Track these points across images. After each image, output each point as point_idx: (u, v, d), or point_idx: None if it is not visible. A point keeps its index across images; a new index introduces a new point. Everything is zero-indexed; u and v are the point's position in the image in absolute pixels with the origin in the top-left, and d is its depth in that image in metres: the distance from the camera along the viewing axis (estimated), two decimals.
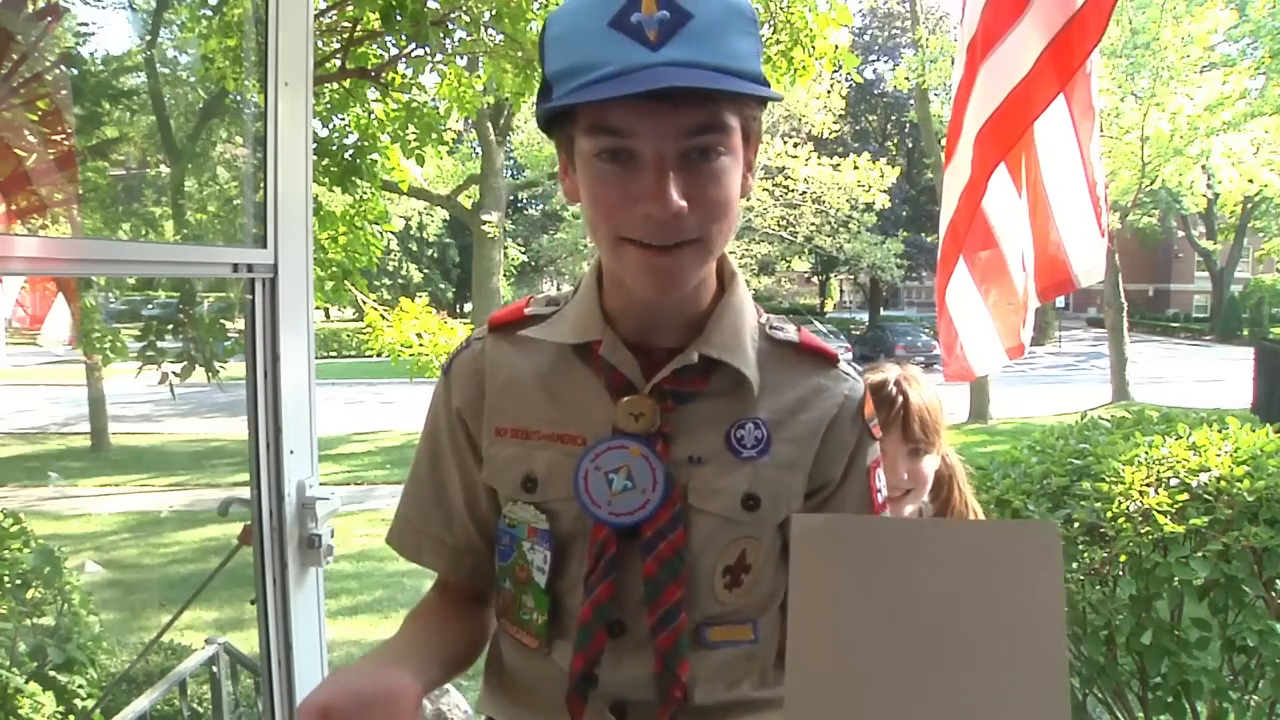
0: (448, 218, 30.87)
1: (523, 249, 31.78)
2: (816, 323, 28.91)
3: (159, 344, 3.57)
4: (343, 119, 4.88)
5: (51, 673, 2.90)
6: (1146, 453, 2.79)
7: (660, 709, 0.94)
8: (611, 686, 0.96)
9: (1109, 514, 2.64)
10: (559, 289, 1.19)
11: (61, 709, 2.84)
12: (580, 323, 0.96)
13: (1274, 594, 2.62)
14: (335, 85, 4.48)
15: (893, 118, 34.22)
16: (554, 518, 0.96)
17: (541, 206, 32.76)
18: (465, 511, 1.05)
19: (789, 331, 1.04)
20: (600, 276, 0.99)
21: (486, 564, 1.05)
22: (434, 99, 5.47)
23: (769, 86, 0.85)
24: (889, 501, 1.53)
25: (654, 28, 0.79)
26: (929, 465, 1.54)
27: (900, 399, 1.53)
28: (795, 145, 25.14)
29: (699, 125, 0.83)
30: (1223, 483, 2.60)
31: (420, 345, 5.70)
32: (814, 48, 5.10)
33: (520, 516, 0.98)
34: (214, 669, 2.24)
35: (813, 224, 26.86)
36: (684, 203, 0.83)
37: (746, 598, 0.98)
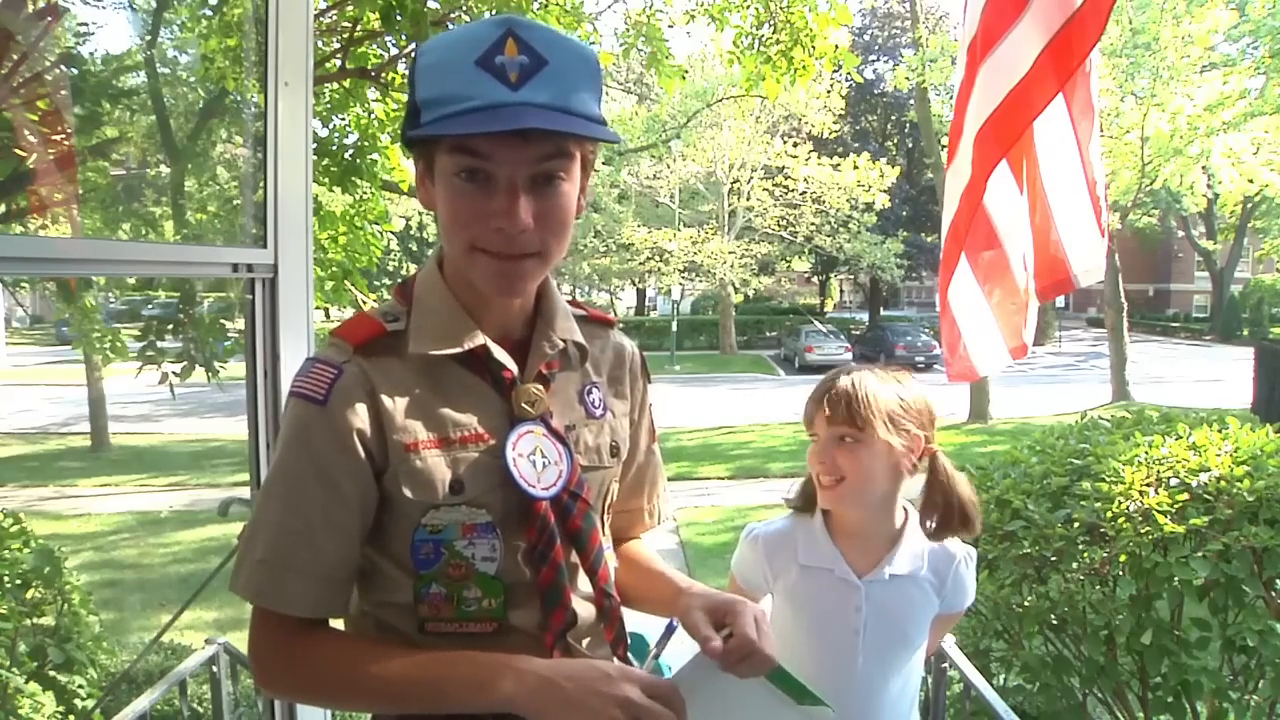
0: None
1: None
2: (816, 322, 28.90)
3: (159, 344, 3.57)
4: (343, 119, 4.88)
5: (51, 673, 2.90)
6: (1146, 453, 2.79)
7: (606, 629, 1.13)
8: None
9: (1109, 514, 2.64)
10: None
11: (61, 709, 2.84)
12: (451, 329, 1.06)
13: (1274, 594, 2.63)
14: (335, 85, 4.48)
15: (893, 118, 34.22)
16: (489, 510, 1.05)
17: None
18: (357, 538, 1.04)
19: (574, 306, 1.20)
20: (445, 281, 1.09)
21: (343, 591, 1.06)
22: None
23: (606, 126, 1.01)
24: (822, 489, 1.56)
25: (515, 70, 0.93)
26: (866, 457, 1.50)
27: (829, 383, 1.54)
28: (795, 145, 25.17)
29: (547, 154, 0.96)
30: (1223, 483, 2.60)
31: None
32: (814, 48, 5.10)
33: (448, 519, 1.03)
34: (214, 669, 2.24)
35: (813, 224, 26.87)
36: (531, 221, 0.97)
37: (613, 524, 1.23)
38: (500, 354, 1.07)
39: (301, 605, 1.02)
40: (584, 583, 1.11)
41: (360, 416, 1.01)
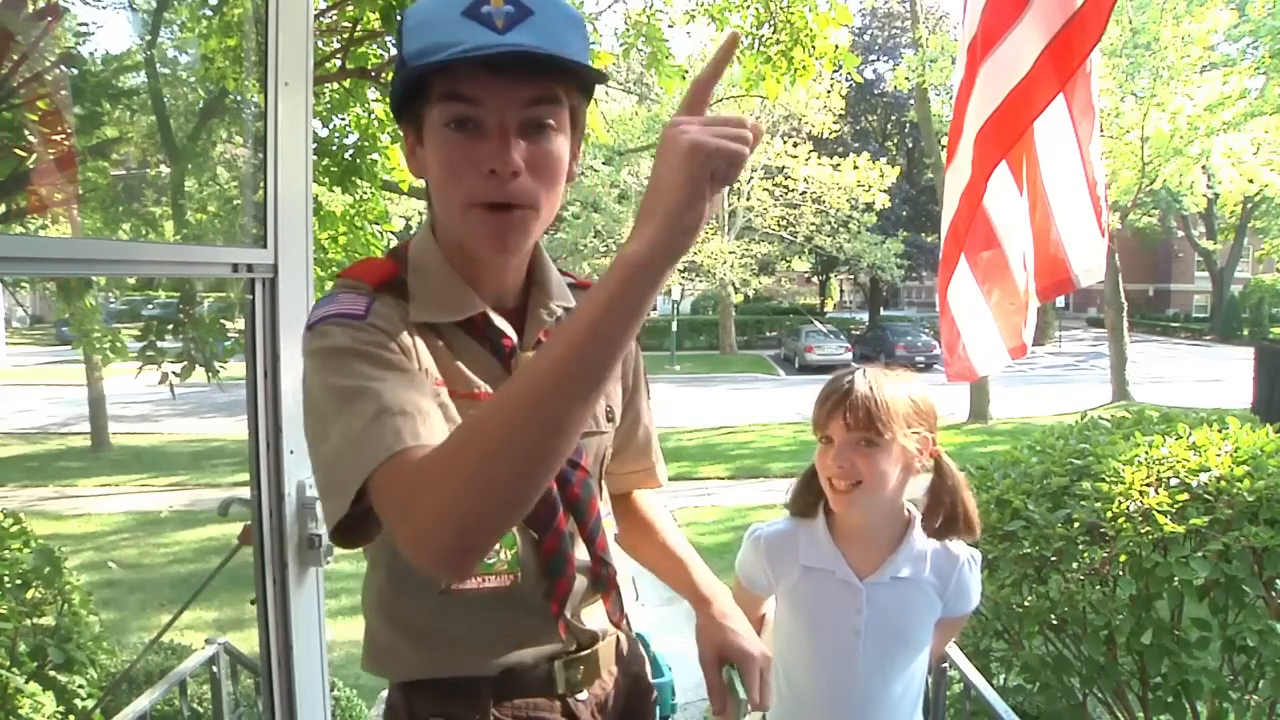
0: None
1: None
2: (816, 322, 28.90)
3: (159, 344, 3.57)
4: (343, 119, 4.87)
5: (51, 673, 2.90)
6: (1146, 453, 2.79)
7: (604, 595, 1.16)
8: None
9: (1109, 514, 2.64)
10: None
11: (61, 709, 2.84)
12: (450, 299, 1.06)
13: (1274, 594, 2.63)
14: (335, 85, 4.48)
15: (893, 118, 34.22)
16: None
17: None
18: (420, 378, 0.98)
19: (565, 276, 1.21)
20: (441, 251, 1.07)
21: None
22: None
23: (592, 69, 0.98)
24: (837, 494, 1.54)
25: (501, 17, 0.93)
26: (882, 460, 1.51)
27: (845, 387, 1.53)
28: (795, 145, 25.18)
29: (537, 97, 0.96)
30: (1223, 483, 2.60)
31: None
32: (814, 48, 5.09)
33: None
34: (214, 669, 2.24)
35: (813, 224, 26.88)
36: (521, 164, 0.96)
37: (606, 478, 1.24)
38: (500, 321, 1.07)
39: (411, 436, 0.87)
40: (581, 551, 1.13)
41: (403, 334, 0.98)
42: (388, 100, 4.87)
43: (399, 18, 3.72)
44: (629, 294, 0.76)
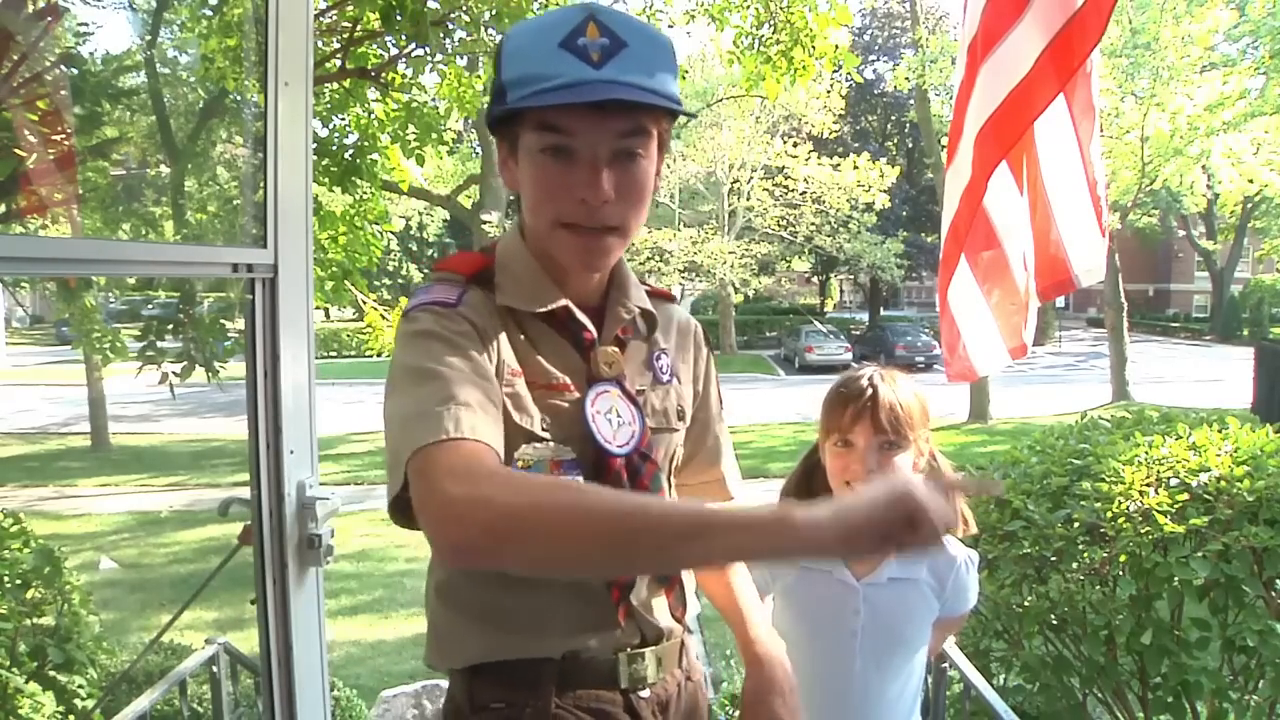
0: (448, 218, 30.86)
1: None
2: (816, 322, 28.89)
3: (159, 344, 3.56)
4: (343, 119, 4.88)
5: (51, 673, 2.89)
6: (1146, 453, 2.79)
7: (666, 593, 1.17)
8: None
9: (1109, 514, 2.64)
10: None
11: (61, 709, 2.84)
12: (536, 292, 1.11)
13: (1274, 594, 2.62)
14: (335, 85, 4.48)
15: (893, 118, 34.20)
16: (574, 450, 1.09)
17: None
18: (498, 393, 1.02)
19: (641, 284, 1.25)
20: (529, 251, 1.13)
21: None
22: (434, 99, 5.47)
23: (681, 105, 1.05)
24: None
25: (596, 50, 0.98)
26: (902, 462, 1.53)
27: (870, 391, 1.53)
28: (795, 145, 25.16)
29: (627, 130, 1.02)
30: (1223, 483, 2.60)
31: None
32: (814, 48, 5.09)
33: (538, 455, 1.08)
34: (214, 669, 2.24)
35: (813, 224, 26.86)
36: (612, 192, 1.02)
37: (676, 488, 1.27)
38: (581, 315, 1.13)
39: (484, 428, 0.94)
40: None
41: (492, 325, 1.06)
42: (387, 99, 4.87)
43: (406, 26, 3.74)
44: (763, 539, 0.81)
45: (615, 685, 1.12)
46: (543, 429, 1.08)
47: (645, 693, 1.15)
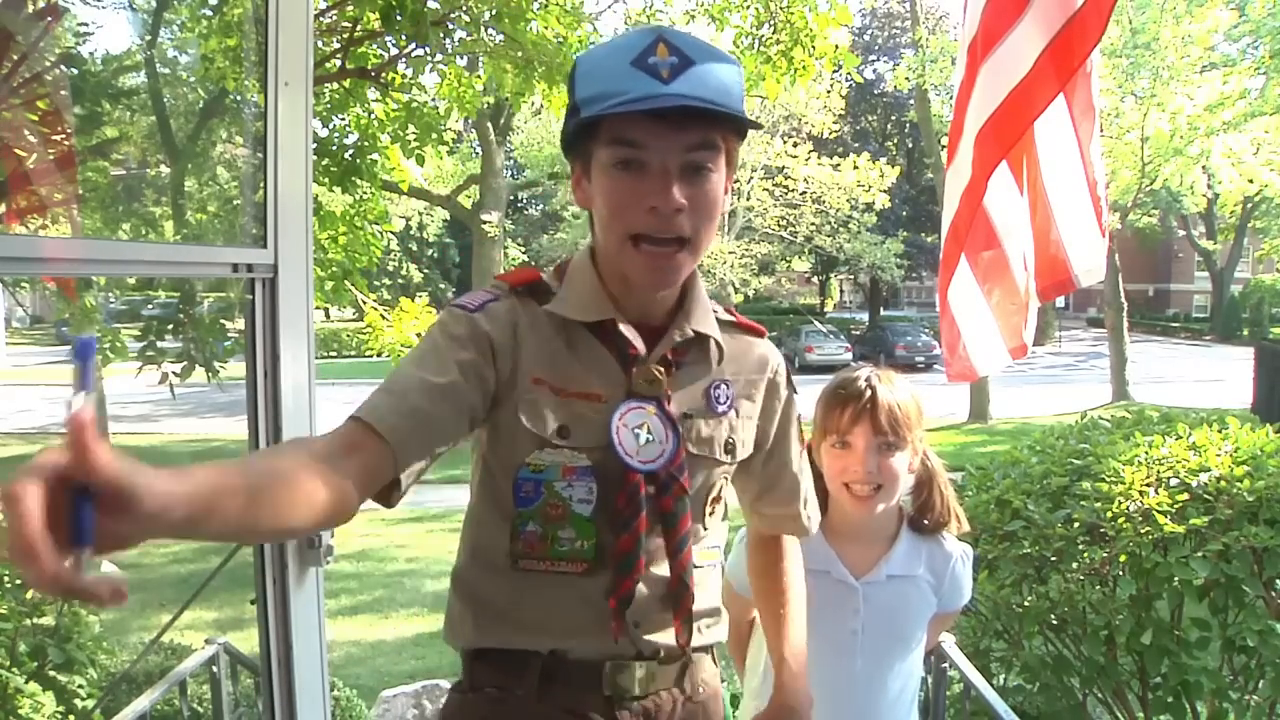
0: (448, 218, 30.85)
1: (523, 249, 31.77)
2: (816, 322, 28.88)
3: (159, 344, 3.56)
4: (343, 119, 4.88)
5: (51, 673, 2.90)
6: (1146, 453, 2.79)
7: (674, 617, 1.16)
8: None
9: (1109, 514, 2.64)
10: None
11: (61, 709, 2.84)
12: (589, 304, 1.15)
13: (1274, 594, 2.63)
14: (335, 85, 4.48)
15: (893, 118, 34.19)
16: (589, 458, 1.12)
17: (541, 206, 32.74)
18: (453, 391, 1.06)
19: (724, 312, 1.27)
20: (595, 267, 1.17)
21: (417, 447, 1.03)
22: (434, 99, 5.47)
23: (748, 119, 1.08)
24: (858, 499, 1.56)
25: (666, 68, 1.03)
26: (900, 463, 1.54)
27: (869, 393, 1.53)
28: (795, 145, 25.15)
29: (697, 143, 1.05)
30: (1223, 483, 2.60)
31: None
32: (814, 48, 5.09)
33: (551, 460, 1.11)
34: (214, 669, 2.24)
35: (813, 224, 26.84)
36: (684, 201, 1.04)
37: (718, 524, 1.24)
38: (627, 330, 1.14)
39: (388, 417, 1.01)
40: (663, 566, 1.16)
41: (502, 332, 1.11)
42: (387, 99, 4.87)
43: (406, 26, 3.74)
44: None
45: (598, 691, 1.14)
46: (560, 435, 1.11)
47: (634, 705, 1.16)
